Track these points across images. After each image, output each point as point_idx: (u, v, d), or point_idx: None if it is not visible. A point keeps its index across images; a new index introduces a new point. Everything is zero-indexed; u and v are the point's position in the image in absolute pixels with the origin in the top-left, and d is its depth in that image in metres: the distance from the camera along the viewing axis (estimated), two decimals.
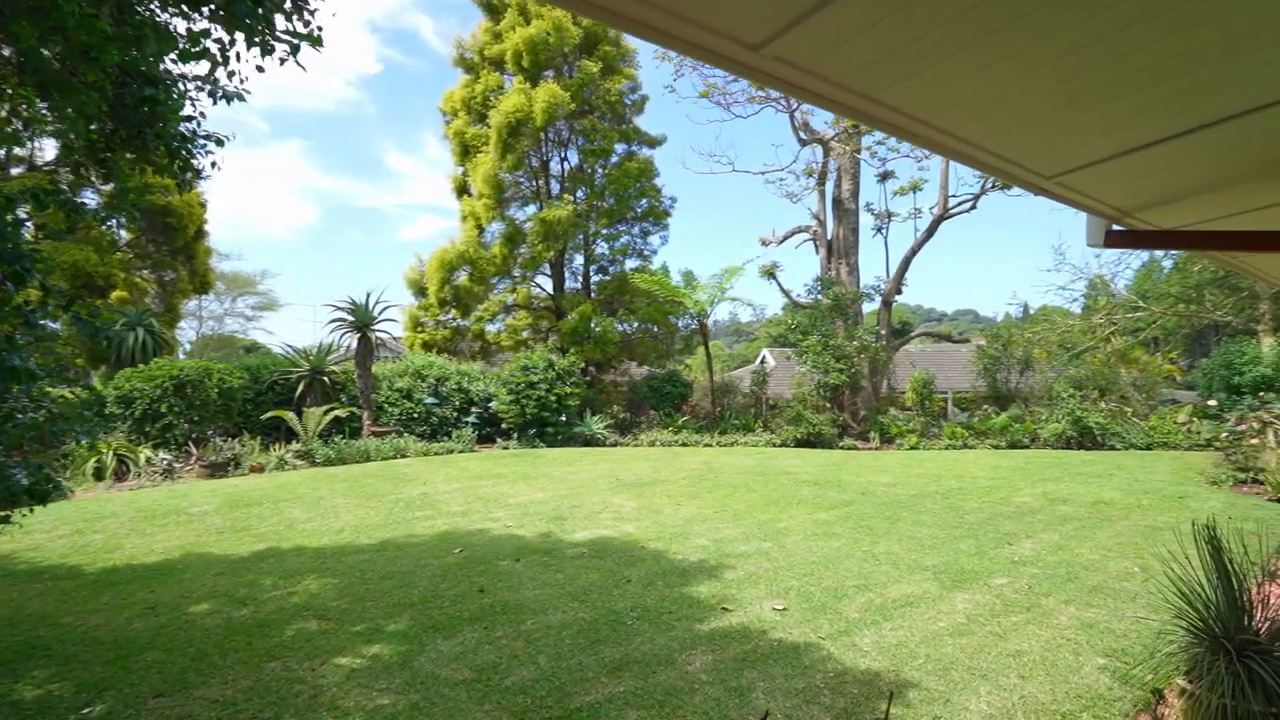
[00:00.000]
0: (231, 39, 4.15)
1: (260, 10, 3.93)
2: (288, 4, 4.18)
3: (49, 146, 15.91)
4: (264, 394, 15.57)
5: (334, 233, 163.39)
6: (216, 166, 4.92)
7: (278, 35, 4.11)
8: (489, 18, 20.74)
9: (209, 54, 4.06)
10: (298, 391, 15.49)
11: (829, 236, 20.16)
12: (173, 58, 4.08)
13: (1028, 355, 18.75)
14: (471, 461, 13.85)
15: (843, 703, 3.57)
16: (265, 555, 6.60)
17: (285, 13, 4.17)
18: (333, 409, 15.00)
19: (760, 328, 60.39)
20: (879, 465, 12.98)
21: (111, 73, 3.74)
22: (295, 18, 4.21)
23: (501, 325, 22.06)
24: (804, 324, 18.41)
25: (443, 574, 5.91)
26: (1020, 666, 3.99)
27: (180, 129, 4.29)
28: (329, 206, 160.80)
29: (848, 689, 3.72)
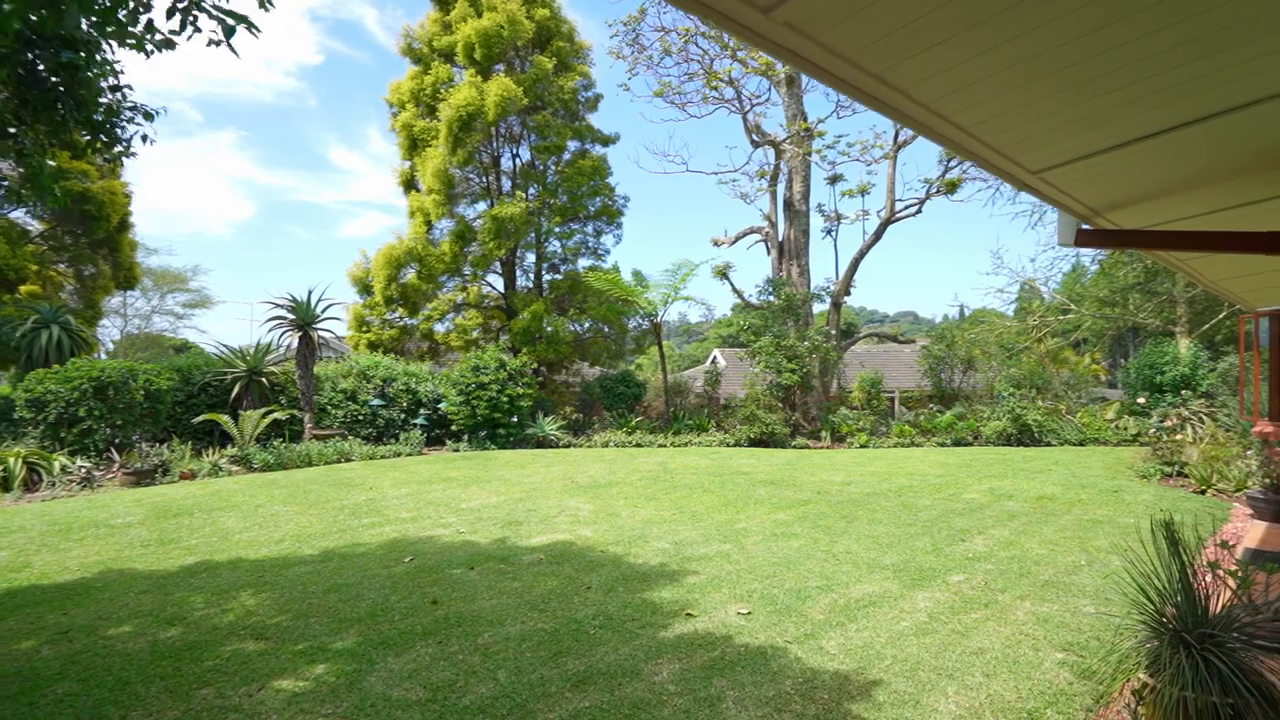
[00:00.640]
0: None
1: None
2: None
3: None
4: (196, 396, 14.69)
5: (273, 229, 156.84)
6: (149, 141, 4.49)
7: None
8: (438, 8, 20.19)
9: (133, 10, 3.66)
10: (233, 393, 14.67)
11: (780, 238, 20.40)
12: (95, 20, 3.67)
13: (970, 355, 19.40)
14: (420, 465, 13.39)
15: (814, 710, 3.49)
16: (196, 569, 6.14)
17: None
18: (272, 411, 14.27)
19: (710, 328, 60.93)
20: (832, 464, 13.17)
21: (18, 35, 3.34)
22: None
23: (451, 325, 21.51)
24: (757, 324, 18.58)
25: (392, 585, 5.61)
26: (984, 664, 4.01)
27: (104, 99, 3.87)
28: (267, 201, 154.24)
29: (818, 694, 3.65)
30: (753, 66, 18.78)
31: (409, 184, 21.27)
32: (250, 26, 4.00)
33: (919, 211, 19.14)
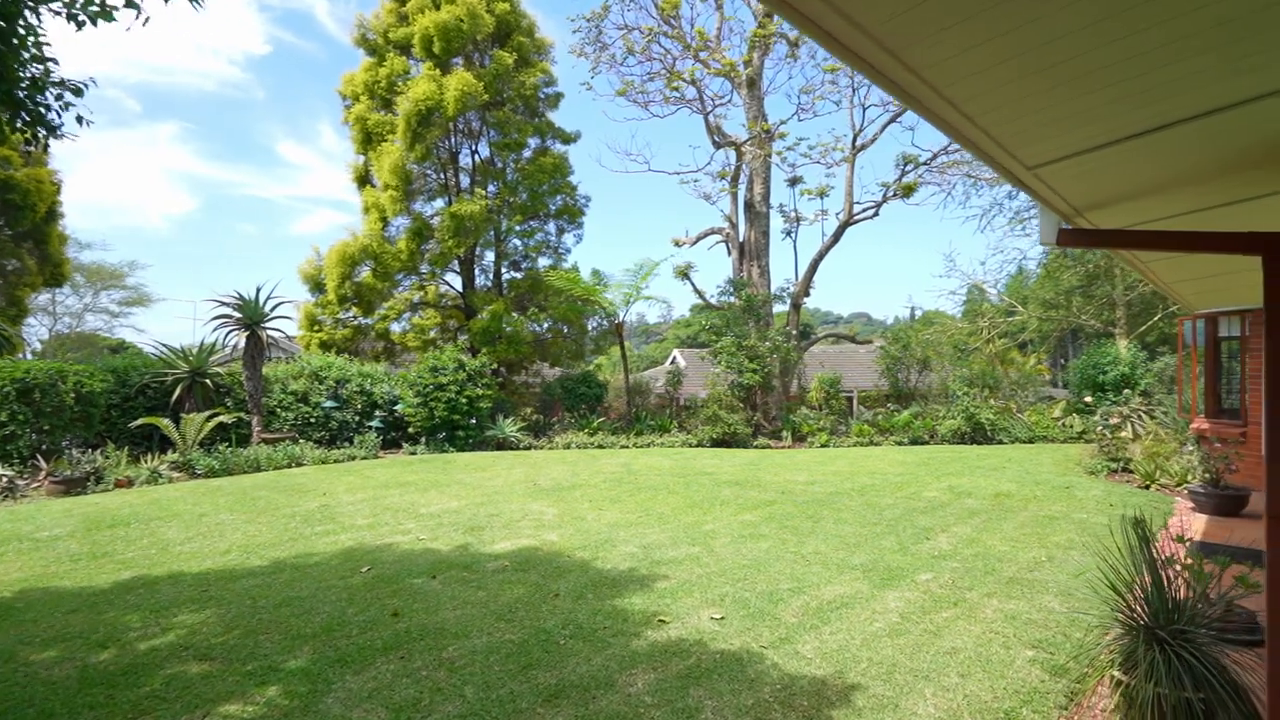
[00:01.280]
0: None
1: None
2: None
3: None
4: (133, 399, 13.88)
5: (217, 224, 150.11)
6: (85, 123, 4.13)
7: None
8: None
9: None
10: (175, 396, 13.91)
11: (741, 239, 20.51)
12: None
13: (925, 356, 19.85)
14: (376, 469, 12.95)
15: (795, 718, 3.42)
16: (132, 585, 5.73)
17: None
18: (217, 414, 13.59)
19: (669, 329, 61.08)
20: (794, 464, 13.26)
21: None
22: None
23: (408, 324, 20.96)
24: (718, 324, 18.62)
25: (349, 597, 5.33)
26: (958, 665, 4.00)
27: (27, 73, 3.51)
28: (211, 195, 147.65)
29: (797, 701, 3.58)
30: (715, 68, 18.82)
31: (363, 179, 20.60)
32: None
33: (876, 214, 19.49)
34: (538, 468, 12.87)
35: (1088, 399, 16.09)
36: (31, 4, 3.41)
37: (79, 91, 3.84)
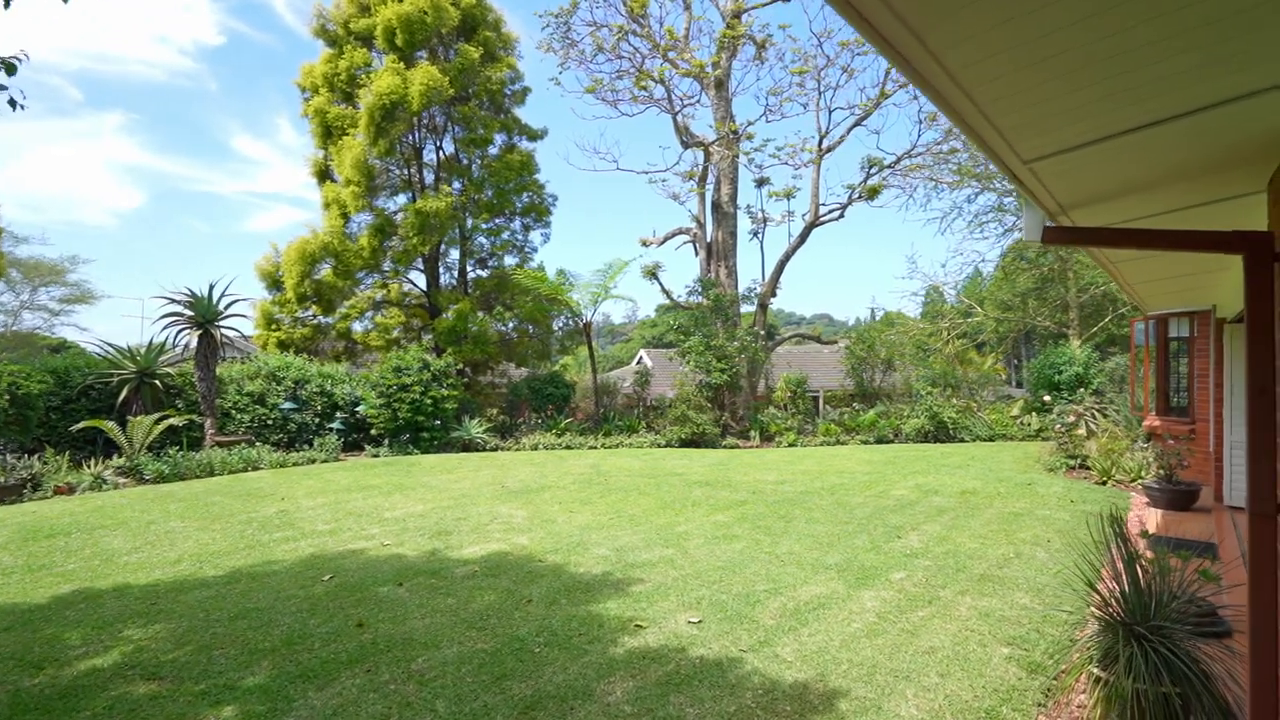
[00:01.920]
0: None
1: None
2: None
3: None
4: (75, 401, 13.17)
5: (167, 220, 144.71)
6: (19, 106, 3.83)
7: None
8: None
9: None
10: (121, 397, 13.25)
11: (709, 239, 20.55)
12: None
13: (889, 356, 20.17)
14: (338, 472, 12.55)
15: None
16: (73, 600, 5.37)
17: None
18: (166, 417, 12.98)
19: (635, 329, 61.07)
20: (763, 463, 13.30)
21: None
22: None
23: (370, 324, 20.44)
24: (686, 324, 18.61)
25: (310, 607, 5.09)
26: (937, 664, 4.00)
27: None
28: (160, 190, 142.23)
29: (780, 706, 3.52)
30: (683, 68, 18.81)
31: (324, 174, 20.00)
32: None
33: (841, 216, 19.74)
34: (505, 469, 12.64)
35: (1046, 398, 16.54)
36: None
37: (11, 68, 3.54)
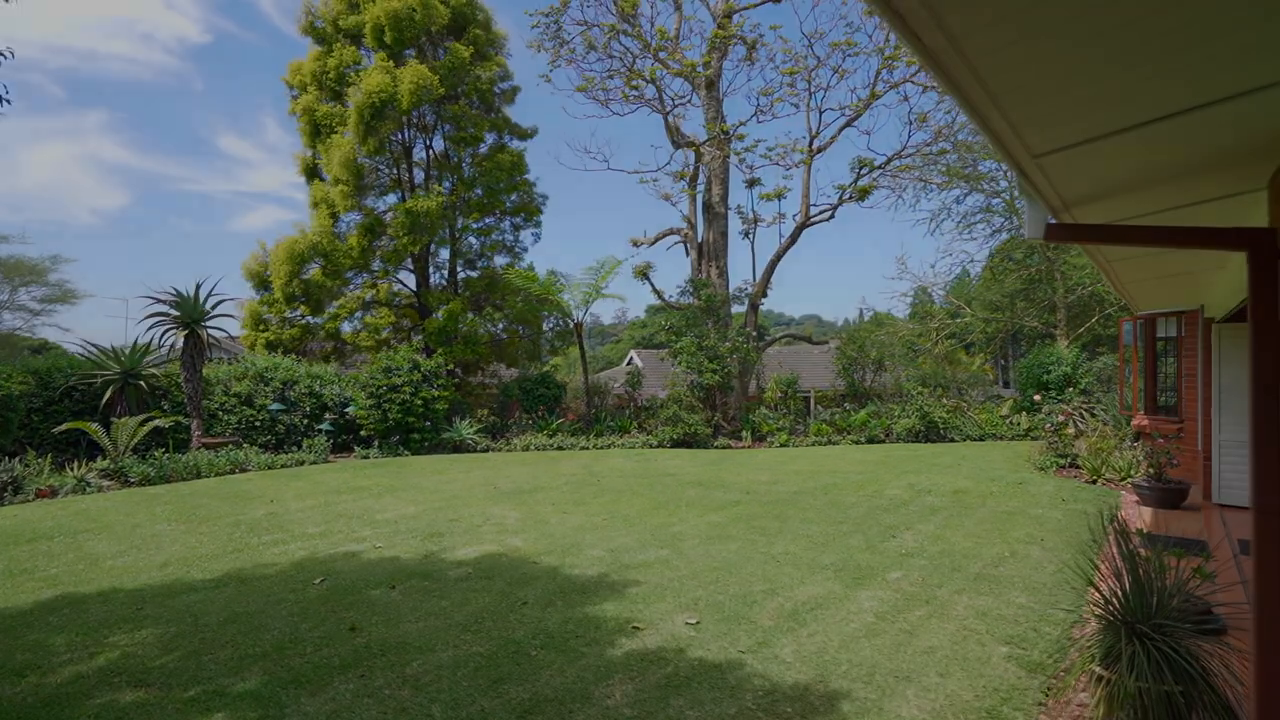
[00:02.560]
0: None
1: None
2: None
3: None
4: (58, 402, 12.96)
5: (152, 220, 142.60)
6: (3, 101, 3.74)
7: None
8: None
9: None
10: (105, 399, 13.04)
11: (700, 239, 20.54)
12: None
13: (881, 356, 20.24)
14: (327, 474, 12.42)
15: None
16: (57, 605, 5.26)
17: None
18: (152, 418, 12.79)
19: (625, 330, 61.02)
20: (756, 463, 13.30)
21: None
22: None
23: (359, 324, 20.28)
24: (678, 325, 18.59)
25: (302, 611, 5.01)
26: (937, 664, 3.98)
27: None
28: (145, 189, 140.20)
29: (781, 708, 3.49)
30: (674, 68, 18.79)
31: (312, 172, 19.81)
32: None
33: (832, 217, 19.80)
34: (497, 470, 12.56)
35: (1037, 397, 16.66)
36: None
37: None
